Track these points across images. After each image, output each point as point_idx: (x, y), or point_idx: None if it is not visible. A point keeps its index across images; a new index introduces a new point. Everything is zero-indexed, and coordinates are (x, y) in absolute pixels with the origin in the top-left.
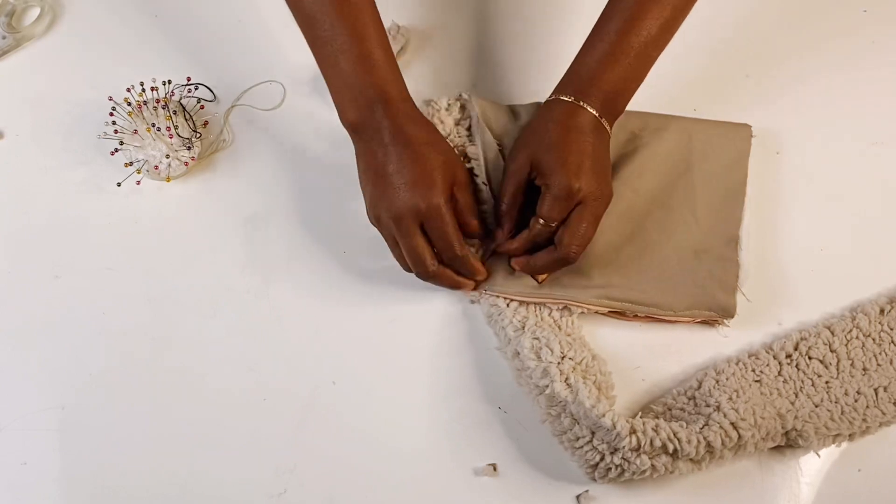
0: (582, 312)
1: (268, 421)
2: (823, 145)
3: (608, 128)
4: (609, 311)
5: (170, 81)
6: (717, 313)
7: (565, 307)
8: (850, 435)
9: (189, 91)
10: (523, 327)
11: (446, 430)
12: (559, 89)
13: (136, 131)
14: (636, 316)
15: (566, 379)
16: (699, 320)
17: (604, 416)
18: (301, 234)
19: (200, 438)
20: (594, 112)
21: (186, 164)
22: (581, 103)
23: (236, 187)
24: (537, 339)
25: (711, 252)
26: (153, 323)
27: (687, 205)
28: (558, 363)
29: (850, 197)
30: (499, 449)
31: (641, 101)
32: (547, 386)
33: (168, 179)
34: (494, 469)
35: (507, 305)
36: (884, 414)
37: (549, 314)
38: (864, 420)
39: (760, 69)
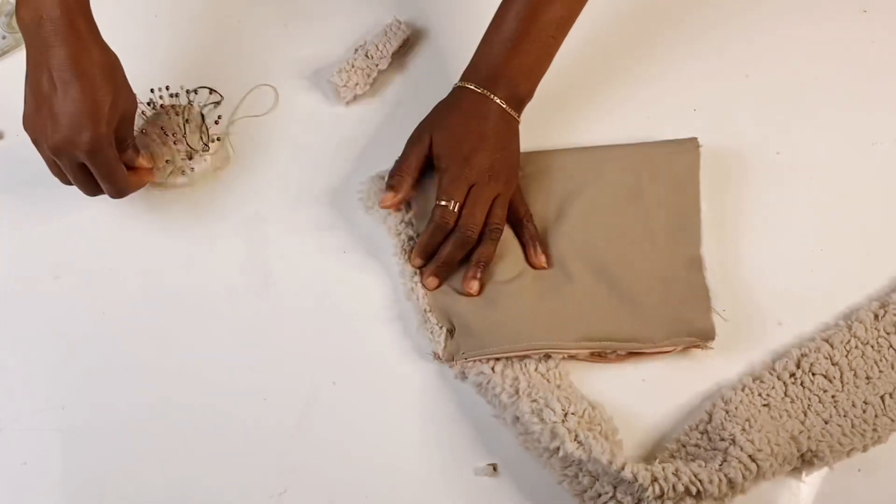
0: (563, 358)
1: (268, 421)
2: (823, 145)
3: (516, 115)
4: (590, 355)
5: (196, 91)
6: (696, 338)
7: (547, 356)
8: (863, 447)
9: (212, 106)
10: (517, 391)
11: (446, 430)
12: (466, 76)
13: (143, 131)
14: (617, 356)
15: (576, 437)
16: (681, 348)
17: (623, 469)
18: (301, 234)
19: (200, 438)
20: (500, 102)
21: (184, 172)
22: (488, 94)
23: (236, 187)
24: (535, 400)
25: (678, 277)
26: (153, 323)
27: (645, 233)
28: (563, 421)
29: (850, 197)
30: (499, 449)
31: (640, 101)
32: (558, 448)
33: (161, 187)
34: (494, 469)
35: (493, 370)
36: (893, 421)
37: (535, 369)
38: (874, 430)
39: (760, 69)
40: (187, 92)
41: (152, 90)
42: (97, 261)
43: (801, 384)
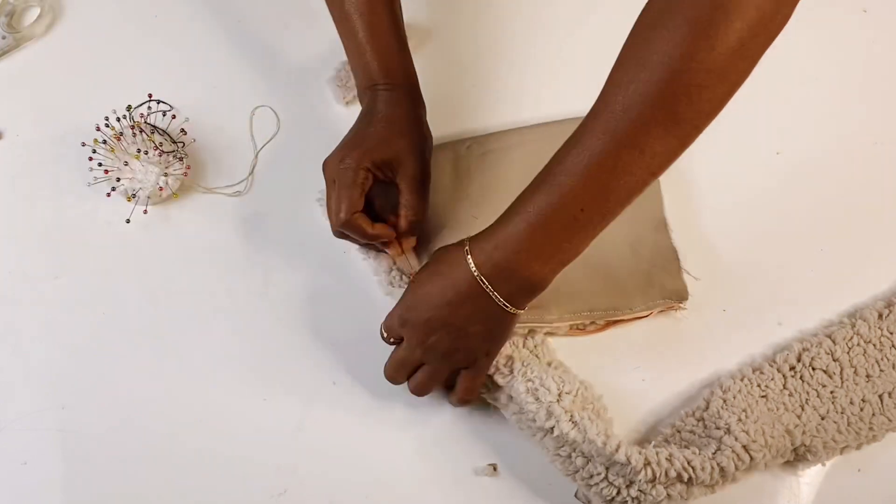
0: (545, 334)
1: (268, 421)
2: (823, 145)
3: (516, 310)
4: (569, 329)
5: (129, 107)
6: (670, 299)
7: (530, 331)
8: (857, 445)
9: (150, 108)
10: (512, 371)
11: (446, 429)
12: (476, 243)
13: (126, 163)
14: (596, 326)
15: (571, 417)
16: (658, 311)
17: (617, 450)
18: (301, 234)
19: (200, 438)
20: (499, 299)
21: (185, 174)
22: (487, 286)
23: (236, 188)
24: (531, 380)
25: (645, 241)
26: (153, 323)
27: None
28: (558, 401)
29: (850, 197)
30: (499, 449)
31: None
32: (552, 427)
33: (176, 195)
34: (494, 469)
35: None
36: (890, 421)
37: (524, 345)
38: (870, 429)
39: (760, 69)
40: (129, 108)
41: (98, 127)
42: (97, 261)
43: (801, 378)
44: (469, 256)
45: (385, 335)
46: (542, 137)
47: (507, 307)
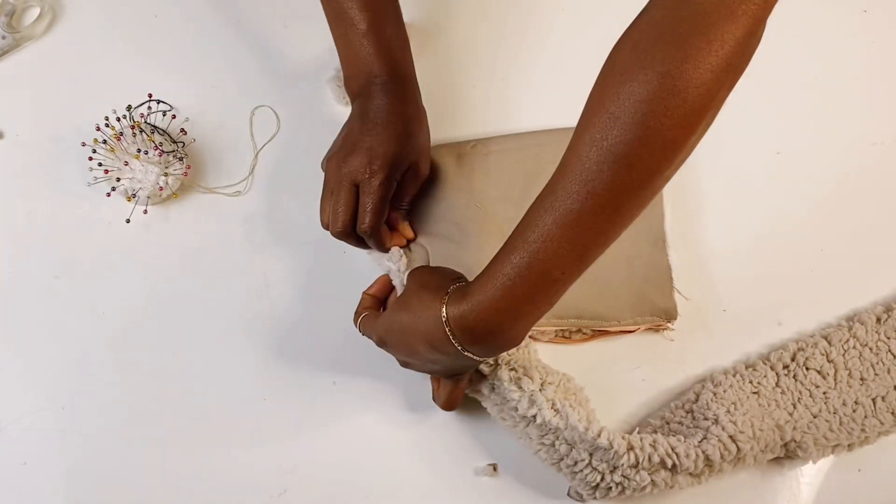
0: (531, 338)
1: (268, 421)
2: (823, 145)
3: (477, 359)
4: (555, 336)
5: (129, 107)
6: (659, 318)
7: None
8: (849, 445)
9: (150, 108)
10: (497, 361)
11: (446, 429)
12: (453, 309)
13: (126, 163)
14: (581, 333)
15: (553, 405)
16: (645, 327)
17: (599, 435)
18: (301, 234)
19: (200, 438)
20: (474, 357)
21: (185, 174)
22: (464, 349)
23: (236, 188)
24: (514, 369)
25: (642, 256)
26: (153, 323)
27: None
28: (541, 389)
29: (850, 197)
30: (499, 449)
31: None
32: (535, 416)
33: (176, 195)
34: (494, 469)
35: None
36: (882, 424)
37: None
38: (862, 430)
39: (760, 69)
40: (129, 108)
41: (98, 127)
42: (97, 261)
43: (794, 377)
44: (446, 318)
45: (361, 332)
46: (545, 143)
47: (477, 360)
